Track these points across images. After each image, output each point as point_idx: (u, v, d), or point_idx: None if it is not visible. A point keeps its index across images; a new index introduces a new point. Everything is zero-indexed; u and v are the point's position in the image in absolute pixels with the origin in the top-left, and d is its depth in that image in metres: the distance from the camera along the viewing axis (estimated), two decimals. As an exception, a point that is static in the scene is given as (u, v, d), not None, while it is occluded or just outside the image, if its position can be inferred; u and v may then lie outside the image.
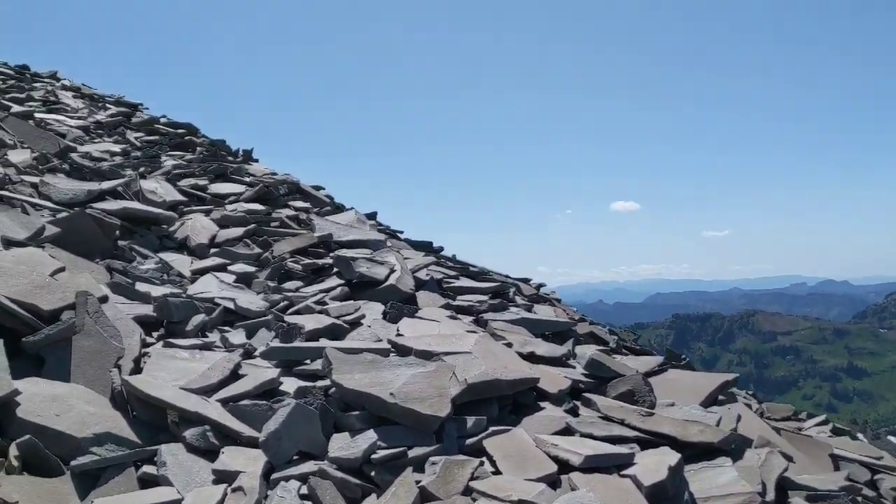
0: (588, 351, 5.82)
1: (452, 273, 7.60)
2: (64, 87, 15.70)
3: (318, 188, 10.80)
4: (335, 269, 6.65)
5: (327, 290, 6.21)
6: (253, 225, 7.91)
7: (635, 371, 5.17)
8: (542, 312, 6.70)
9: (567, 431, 4.21)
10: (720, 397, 5.22)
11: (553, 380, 4.82)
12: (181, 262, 6.96)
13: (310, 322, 5.39)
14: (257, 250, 7.20)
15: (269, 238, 7.61)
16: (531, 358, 5.26)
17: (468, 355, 4.69)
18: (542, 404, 4.60)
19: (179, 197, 8.52)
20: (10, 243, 5.54)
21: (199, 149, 11.35)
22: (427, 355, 4.65)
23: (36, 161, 9.23)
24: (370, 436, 3.80)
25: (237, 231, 7.74)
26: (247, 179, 9.76)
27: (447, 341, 4.95)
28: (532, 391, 4.66)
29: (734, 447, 4.21)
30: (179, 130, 12.63)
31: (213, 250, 7.38)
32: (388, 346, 4.87)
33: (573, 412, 4.56)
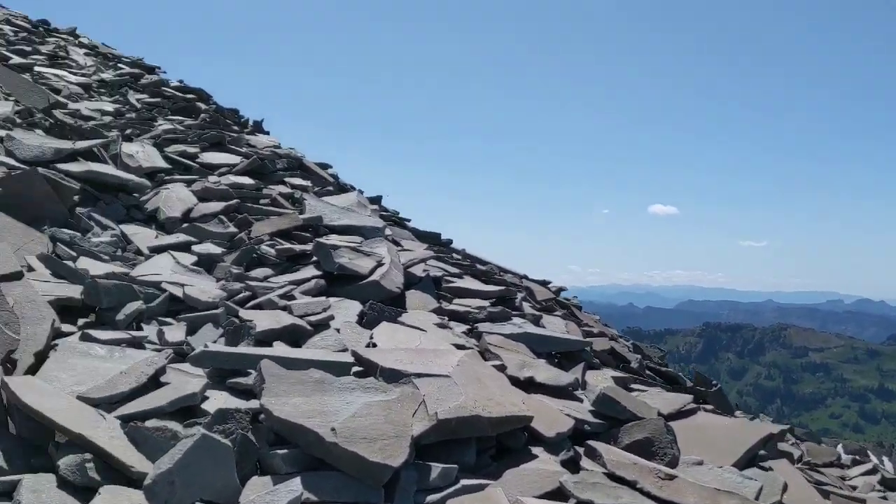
0: (602, 379, 4.84)
1: (456, 270, 6.64)
2: (80, 45, 14.97)
3: (324, 166, 9.88)
4: (314, 258, 5.72)
5: (299, 282, 5.28)
6: (235, 200, 7.01)
7: (656, 412, 4.18)
8: (552, 326, 5.72)
9: (560, 495, 3.24)
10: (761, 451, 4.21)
11: (551, 418, 3.84)
12: (143, 237, 6.09)
13: (266, 320, 4.46)
14: (232, 229, 6.31)
15: (252, 217, 6.70)
16: (529, 385, 4.29)
17: (446, 380, 3.73)
18: (535, 450, 3.64)
19: (161, 164, 7.65)
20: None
21: (202, 115, 10.48)
22: (394, 376, 3.70)
23: (18, 115, 8.45)
24: (294, 487, 2.87)
25: (216, 206, 6.84)
26: (244, 150, 8.87)
27: (425, 358, 4.00)
28: (523, 431, 3.69)
29: (778, 530, 3.22)
30: (188, 95, 11.77)
31: (185, 226, 6.49)
32: (351, 360, 3.93)
33: (573, 464, 3.59)
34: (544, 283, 9.54)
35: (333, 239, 6.35)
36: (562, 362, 5.11)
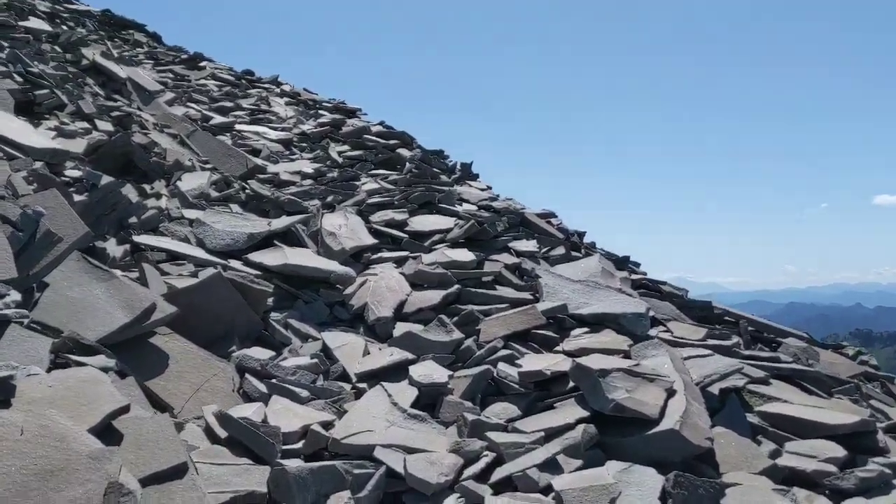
0: None
1: (760, 373, 4.78)
2: (282, 94, 14.60)
3: (547, 216, 8.30)
4: (572, 383, 4.12)
5: (558, 433, 3.70)
6: (455, 287, 5.60)
7: None
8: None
9: None
10: None
11: None
12: (350, 352, 4.79)
13: (529, 525, 2.92)
14: (457, 335, 4.85)
15: (476, 310, 5.24)
16: None
17: None
18: None
19: (367, 240, 6.43)
20: (78, 346, 3.62)
21: (407, 165, 9.30)
22: None
23: (214, 186, 7.67)
24: None
25: (433, 296, 5.46)
26: (458, 209, 7.51)
27: None
28: None
29: None
30: (390, 142, 10.70)
31: (398, 326, 5.17)
32: None
33: None
34: (837, 349, 7.38)
35: (587, 342, 4.75)
36: None
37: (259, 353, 4.56)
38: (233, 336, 4.75)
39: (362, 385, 4.32)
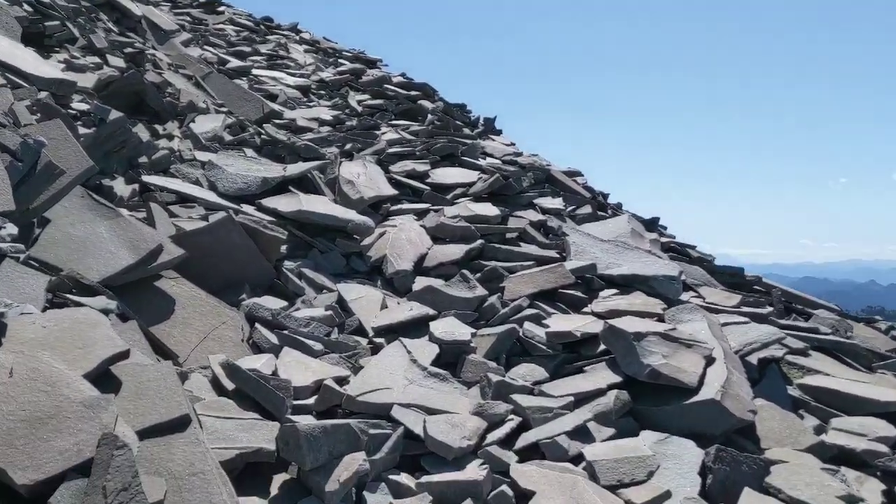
0: None
1: (800, 344, 4.50)
2: (301, 41, 14.21)
3: (573, 174, 7.98)
4: (603, 346, 3.85)
5: (589, 398, 3.45)
6: (479, 242, 5.32)
7: None
8: None
9: None
10: None
11: None
12: (367, 305, 4.54)
13: (558, 497, 2.68)
14: (480, 292, 4.58)
15: (500, 266, 4.97)
16: None
17: None
18: None
19: (387, 191, 6.14)
20: (77, 286, 3.38)
21: (429, 117, 8.98)
22: None
23: (228, 130, 7.39)
24: None
25: (455, 251, 5.19)
26: (481, 162, 7.19)
27: None
28: None
29: None
30: (412, 93, 10.34)
31: (418, 281, 4.91)
32: None
33: None
34: (870, 322, 7.07)
35: (618, 304, 4.47)
36: None
37: (271, 303, 4.32)
38: (243, 284, 4.50)
39: (379, 340, 4.08)
